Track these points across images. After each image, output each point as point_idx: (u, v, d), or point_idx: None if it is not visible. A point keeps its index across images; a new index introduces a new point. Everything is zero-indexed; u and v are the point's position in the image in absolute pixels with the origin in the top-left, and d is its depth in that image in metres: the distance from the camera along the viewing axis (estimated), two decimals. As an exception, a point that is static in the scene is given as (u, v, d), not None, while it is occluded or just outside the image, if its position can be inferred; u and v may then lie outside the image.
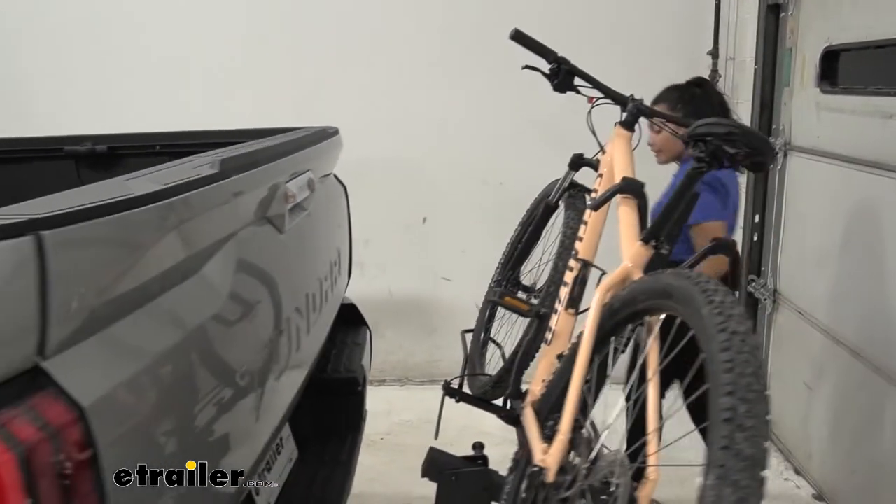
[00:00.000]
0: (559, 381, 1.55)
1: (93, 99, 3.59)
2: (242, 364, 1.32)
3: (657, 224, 1.52)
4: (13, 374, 0.82)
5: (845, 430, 2.58)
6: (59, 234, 0.84)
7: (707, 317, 1.05)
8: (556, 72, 1.97)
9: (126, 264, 0.96)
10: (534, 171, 3.04)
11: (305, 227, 1.77)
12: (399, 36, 3.67)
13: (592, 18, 3.59)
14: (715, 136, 1.35)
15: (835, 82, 2.64)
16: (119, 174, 2.57)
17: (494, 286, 2.42)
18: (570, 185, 2.19)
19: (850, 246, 2.52)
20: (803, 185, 2.85)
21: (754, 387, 0.95)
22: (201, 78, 3.66)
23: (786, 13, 2.94)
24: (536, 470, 1.31)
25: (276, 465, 1.81)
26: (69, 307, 0.87)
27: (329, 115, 2.72)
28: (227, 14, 3.67)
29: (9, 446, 0.77)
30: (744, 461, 0.89)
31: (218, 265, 1.26)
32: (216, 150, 1.50)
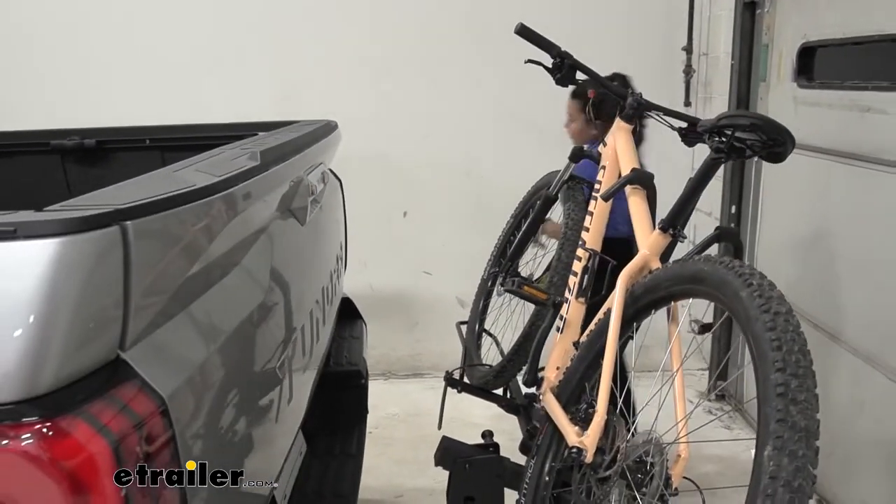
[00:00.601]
0: (579, 366, 1.59)
1: (70, 92, 3.50)
2: (278, 357, 1.32)
3: (674, 212, 1.57)
4: (99, 366, 0.82)
5: (823, 412, 2.69)
6: (142, 224, 0.84)
7: (747, 299, 1.10)
8: (559, 66, 2.00)
9: (194, 254, 0.96)
10: (514, 164, 3.09)
11: (320, 220, 1.78)
12: (379, 30, 3.67)
13: (566, 13, 3.64)
14: (737, 128, 1.41)
15: (811, 77, 2.74)
16: (106, 169, 2.54)
17: (497, 278, 2.45)
18: (569, 177, 2.23)
19: (828, 235, 2.63)
20: (781, 176, 2.95)
21: (802, 363, 1.00)
22: (179, 71, 3.59)
23: (762, 10, 3.05)
24: (575, 451, 1.35)
25: (288, 459, 1.81)
26: (148, 297, 0.87)
27: (308, 110, 2.72)
28: (206, 7, 3.61)
29: (102, 435, 0.78)
30: (799, 432, 0.94)
31: (255, 256, 1.26)
32: (243, 142, 1.49)
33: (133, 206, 0.83)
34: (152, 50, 3.57)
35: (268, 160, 1.25)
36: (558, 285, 1.98)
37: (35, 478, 0.73)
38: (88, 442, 0.76)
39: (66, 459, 0.74)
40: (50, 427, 0.75)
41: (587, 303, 1.83)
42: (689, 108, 3.67)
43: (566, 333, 1.80)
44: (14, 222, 0.74)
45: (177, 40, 3.58)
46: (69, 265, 0.75)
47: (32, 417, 0.75)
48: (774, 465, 0.92)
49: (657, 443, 1.27)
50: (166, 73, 3.58)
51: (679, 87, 3.69)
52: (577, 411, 1.49)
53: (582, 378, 1.58)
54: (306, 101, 3.60)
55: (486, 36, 3.53)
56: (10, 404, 0.74)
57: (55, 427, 0.75)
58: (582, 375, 1.59)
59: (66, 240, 0.75)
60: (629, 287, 1.49)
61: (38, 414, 0.75)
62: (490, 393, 2.29)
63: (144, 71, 3.57)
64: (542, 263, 2.46)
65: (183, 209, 0.91)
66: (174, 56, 3.58)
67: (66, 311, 0.75)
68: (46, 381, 0.75)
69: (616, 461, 1.29)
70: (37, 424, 0.74)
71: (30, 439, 0.74)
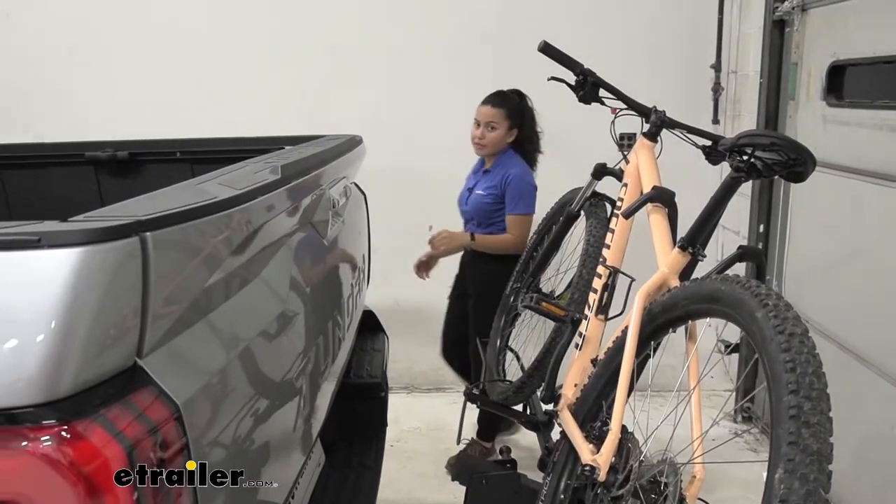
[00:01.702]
0: (596, 384, 1.59)
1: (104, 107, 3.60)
2: (295, 368, 1.34)
3: (694, 231, 1.56)
4: (116, 372, 0.84)
5: (851, 436, 2.64)
6: (161, 235, 0.86)
7: (762, 319, 1.09)
8: (581, 83, 2.01)
9: (212, 265, 0.99)
10: (539, 179, 3.10)
11: (341, 234, 1.80)
12: (407, 46, 3.71)
13: (596, 30, 3.65)
14: (757, 147, 1.40)
15: (841, 96, 2.71)
16: (138, 180, 2.60)
17: (519, 293, 2.46)
18: (591, 194, 2.23)
19: (858, 255, 2.59)
20: (809, 195, 2.92)
21: (816, 385, 0.99)
22: (208, 86, 3.68)
23: (791, 28, 3.02)
24: (588, 470, 1.34)
25: (307, 469, 1.82)
26: (166, 306, 0.89)
27: (335, 123, 2.76)
28: (231, 21, 3.70)
29: (117, 440, 0.80)
30: (811, 455, 0.93)
31: (274, 268, 1.29)
32: (267, 156, 1.52)
33: (152, 218, 0.86)
34: (183, 66, 3.66)
35: (289, 174, 1.28)
36: (579, 302, 1.98)
37: (51, 479, 0.76)
38: (104, 446, 0.78)
39: (82, 462, 0.76)
40: (67, 430, 0.77)
41: (606, 320, 1.82)
42: (717, 126, 3.64)
43: (585, 350, 1.80)
44: (38, 232, 0.77)
45: (207, 57, 3.67)
46: (90, 274, 0.78)
47: (51, 421, 0.77)
48: (785, 489, 0.91)
49: (671, 463, 1.26)
50: (196, 87, 3.67)
51: (707, 104, 3.66)
52: (592, 429, 1.48)
53: (599, 396, 1.58)
54: (333, 115, 3.65)
55: (512, 52, 3.54)
56: (30, 407, 0.76)
57: (72, 430, 0.77)
58: (599, 393, 1.58)
59: (87, 249, 0.77)
60: (647, 305, 1.49)
61: (56, 417, 0.77)
62: (510, 409, 2.29)
63: (175, 85, 3.66)
64: (565, 280, 2.46)
65: (202, 221, 0.94)
66: (204, 72, 3.67)
67: (86, 318, 0.78)
68: (65, 386, 0.78)
69: (629, 480, 1.29)
70: (55, 428, 0.77)
71: (48, 442, 0.77)
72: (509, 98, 2.90)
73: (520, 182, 2.84)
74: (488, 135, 2.85)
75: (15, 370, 0.75)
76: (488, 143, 2.86)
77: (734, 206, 3.57)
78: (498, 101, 2.87)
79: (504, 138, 2.87)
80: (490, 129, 2.85)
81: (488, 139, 2.86)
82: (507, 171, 2.86)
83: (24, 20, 3.67)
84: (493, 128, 2.85)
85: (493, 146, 2.88)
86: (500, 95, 2.90)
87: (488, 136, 2.85)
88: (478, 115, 2.89)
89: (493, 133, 2.85)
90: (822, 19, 2.84)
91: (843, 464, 2.58)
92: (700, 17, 3.65)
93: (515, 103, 2.89)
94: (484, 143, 2.87)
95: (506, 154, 2.91)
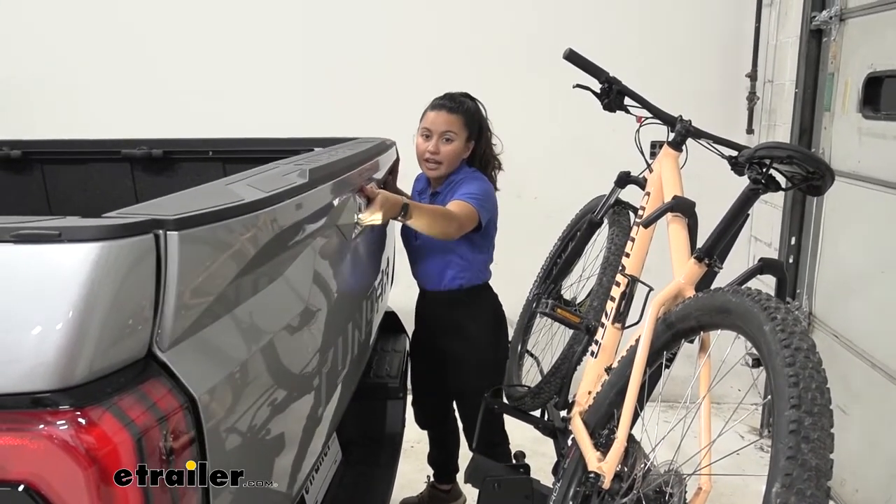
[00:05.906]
0: (609, 392, 1.59)
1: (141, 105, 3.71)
2: (312, 366, 1.38)
3: (711, 242, 1.56)
4: (130, 363, 0.88)
5: (881, 456, 2.59)
6: (177, 233, 0.90)
7: (770, 333, 1.09)
8: (606, 91, 2.01)
9: (232, 264, 1.02)
10: (568, 186, 3.09)
11: (366, 236, 1.83)
12: (433, 50, 3.74)
13: (631, 39, 3.63)
14: (774, 160, 1.39)
15: (878, 108, 2.66)
16: (171, 177, 2.68)
17: (540, 299, 2.45)
18: (615, 202, 2.23)
19: (891, 270, 2.54)
20: (842, 208, 2.87)
21: (819, 401, 0.98)
22: (243, 87, 3.76)
23: (828, 38, 2.98)
24: (593, 477, 1.35)
25: (322, 466, 1.86)
26: (182, 301, 0.93)
27: (364, 126, 2.80)
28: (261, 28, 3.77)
29: (127, 429, 0.84)
30: (809, 471, 0.93)
31: (296, 268, 1.32)
32: (297, 157, 1.56)
33: (169, 218, 0.89)
34: (220, 67, 3.75)
35: (316, 178, 1.31)
36: (598, 310, 1.98)
37: (63, 462, 0.80)
38: (114, 433, 0.82)
39: (92, 447, 0.80)
40: (80, 415, 0.81)
41: (623, 329, 1.82)
42: (751, 136, 3.60)
43: (600, 358, 1.80)
44: (59, 227, 0.82)
45: (244, 60, 3.75)
46: (106, 267, 0.82)
47: (66, 406, 0.81)
48: (782, 503, 0.91)
49: (676, 473, 1.26)
50: (232, 88, 3.75)
51: (742, 113, 3.62)
52: (601, 437, 1.49)
53: (611, 404, 1.58)
54: (362, 118, 3.70)
55: (546, 60, 3.55)
56: (47, 392, 0.81)
57: (85, 416, 0.81)
58: (611, 401, 1.58)
59: (104, 244, 0.82)
60: (660, 315, 1.48)
61: (70, 403, 0.81)
62: (527, 414, 2.29)
63: (212, 86, 3.75)
64: (587, 287, 2.46)
65: (228, 223, 0.98)
66: (240, 74, 3.75)
67: (101, 309, 0.82)
68: (81, 373, 0.82)
69: (633, 489, 1.29)
70: (69, 413, 0.81)
71: (63, 426, 0.81)
72: (463, 102, 2.32)
73: (484, 190, 2.27)
74: (443, 148, 2.24)
75: (35, 356, 0.80)
76: (444, 160, 2.25)
77: (766, 218, 3.56)
78: (455, 107, 2.28)
79: (461, 153, 2.28)
80: (446, 142, 2.25)
81: (444, 154, 2.24)
82: (467, 185, 2.27)
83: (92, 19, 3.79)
84: (450, 139, 2.25)
85: (450, 163, 2.27)
86: (454, 99, 2.32)
87: (444, 150, 2.24)
88: (428, 124, 2.27)
89: (450, 146, 2.25)
90: (859, 30, 2.79)
91: (874, 484, 2.55)
92: (737, 25, 3.61)
93: (472, 109, 2.33)
94: (439, 160, 2.25)
95: (461, 172, 2.31)
